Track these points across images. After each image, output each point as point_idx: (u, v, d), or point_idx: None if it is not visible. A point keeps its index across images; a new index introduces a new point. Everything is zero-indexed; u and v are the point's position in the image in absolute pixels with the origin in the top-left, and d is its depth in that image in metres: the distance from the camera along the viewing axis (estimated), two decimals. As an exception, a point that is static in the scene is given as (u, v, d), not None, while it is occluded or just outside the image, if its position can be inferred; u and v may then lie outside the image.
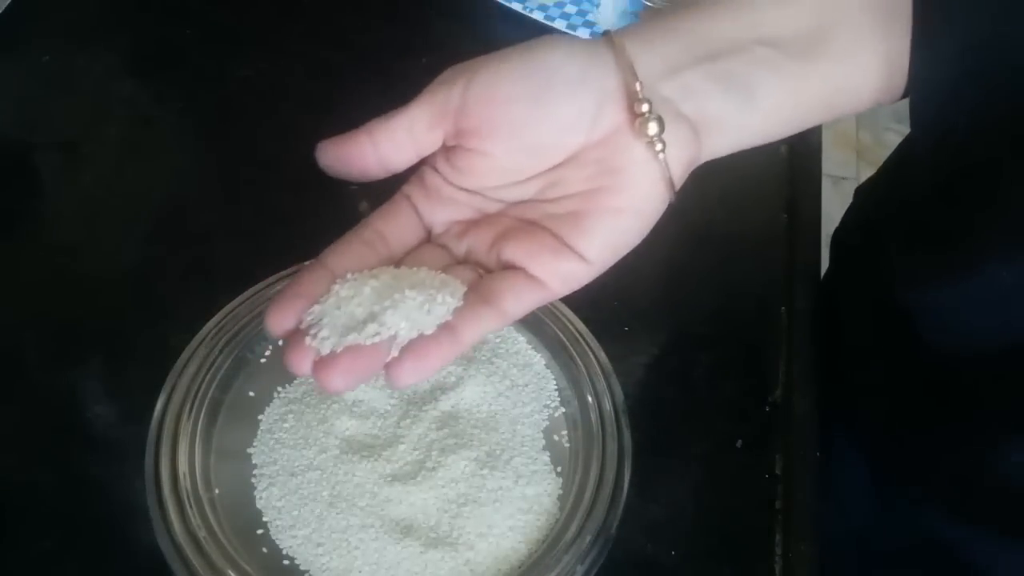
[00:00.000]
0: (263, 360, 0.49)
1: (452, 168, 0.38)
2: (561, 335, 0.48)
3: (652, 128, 0.36)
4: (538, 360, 0.49)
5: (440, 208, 0.39)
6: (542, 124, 0.36)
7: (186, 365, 0.46)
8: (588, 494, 0.43)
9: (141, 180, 0.60)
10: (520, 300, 0.36)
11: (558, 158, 0.37)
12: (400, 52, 0.65)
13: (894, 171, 0.56)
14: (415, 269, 0.37)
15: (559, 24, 0.68)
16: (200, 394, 0.46)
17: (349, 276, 0.36)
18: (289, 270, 0.50)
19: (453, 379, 0.47)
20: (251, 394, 0.48)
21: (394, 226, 0.39)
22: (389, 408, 0.46)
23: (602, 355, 0.48)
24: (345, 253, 0.37)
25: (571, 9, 0.69)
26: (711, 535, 0.45)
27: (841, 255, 0.61)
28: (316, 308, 0.35)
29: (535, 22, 0.68)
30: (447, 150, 0.38)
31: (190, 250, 0.56)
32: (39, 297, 0.54)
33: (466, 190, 0.38)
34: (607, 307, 0.51)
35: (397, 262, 0.38)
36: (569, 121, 0.36)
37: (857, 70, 0.39)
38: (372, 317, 0.35)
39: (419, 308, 0.35)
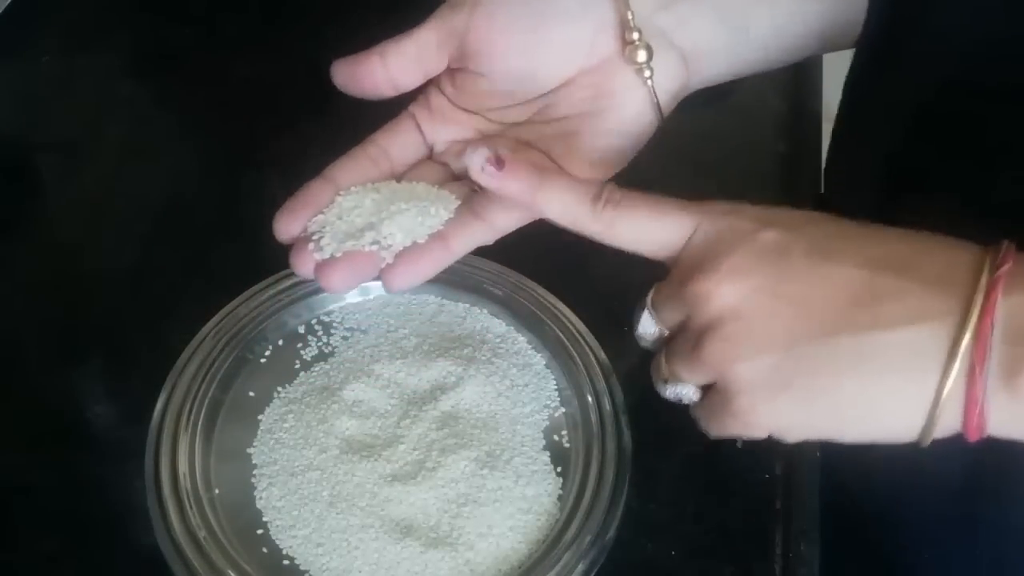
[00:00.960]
0: (263, 360, 0.49)
1: (455, 89, 0.39)
2: (561, 335, 0.49)
3: (641, 55, 0.37)
4: (538, 360, 0.49)
5: (442, 127, 0.41)
6: (540, 51, 0.38)
7: (186, 365, 0.46)
8: (588, 494, 0.43)
9: (141, 180, 0.60)
10: (510, 215, 0.38)
11: (554, 83, 0.39)
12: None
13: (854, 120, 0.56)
14: (414, 183, 0.39)
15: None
16: (200, 394, 0.46)
17: (352, 189, 0.39)
18: (289, 270, 0.50)
19: (453, 379, 0.47)
20: (251, 394, 0.47)
21: (398, 143, 0.41)
22: (389, 408, 0.46)
23: (602, 355, 0.48)
24: (350, 167, 0.39)
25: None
26: (711, 535, 0.45)
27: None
28: (320, 217, 0.38)
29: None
30: (451, 72, 0.39)
31: (190, 250, 0.56)
32: (39, 297, 0.54)
33: (467, 111, 0.40)
34: (607, 307, 0.51)
35: (398, 177, 0.40)
36: (565, 50, 0.38)
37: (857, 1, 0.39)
38: (370, 227, 0.37)
39: (413, 219, 0.37)
